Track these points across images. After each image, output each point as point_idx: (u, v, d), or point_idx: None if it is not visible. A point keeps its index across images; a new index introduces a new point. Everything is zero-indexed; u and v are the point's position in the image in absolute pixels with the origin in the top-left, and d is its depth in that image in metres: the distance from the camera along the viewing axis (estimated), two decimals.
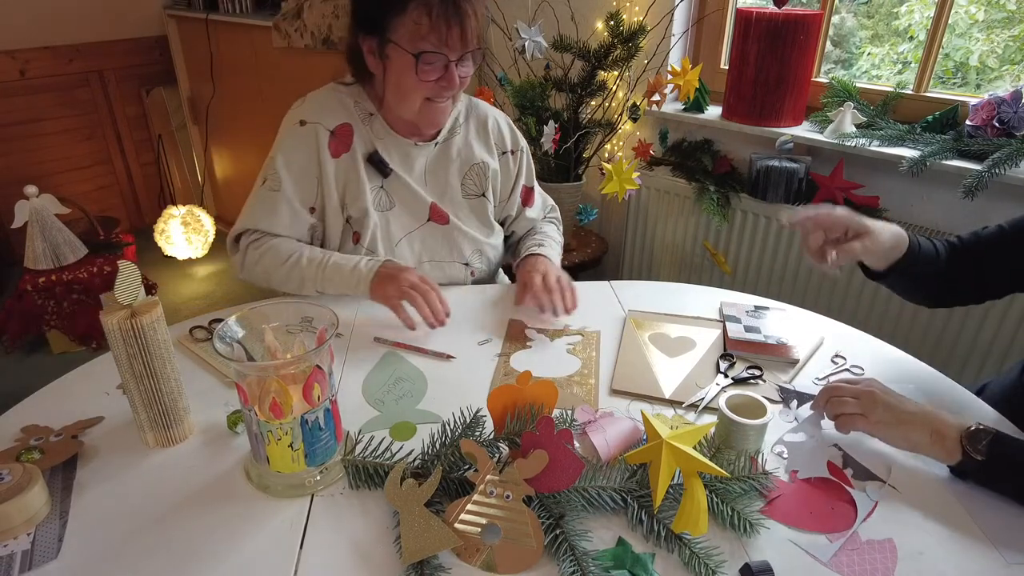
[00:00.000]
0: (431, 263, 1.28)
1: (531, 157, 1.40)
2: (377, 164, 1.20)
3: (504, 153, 1.34)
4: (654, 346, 1.11)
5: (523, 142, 1.37)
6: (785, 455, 0.86)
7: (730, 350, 1.08)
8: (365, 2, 1.13)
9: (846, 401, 0.87)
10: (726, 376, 1.02)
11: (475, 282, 1.35)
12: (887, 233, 0.98)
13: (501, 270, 1.52)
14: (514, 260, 1.39)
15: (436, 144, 1.26)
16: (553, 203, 1.50)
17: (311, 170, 1.18)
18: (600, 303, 1.24)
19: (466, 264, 1.31)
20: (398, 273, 1.12)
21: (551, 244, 1.35)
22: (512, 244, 1.45)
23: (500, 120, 1.34)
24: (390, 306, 1.11)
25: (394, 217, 1.24)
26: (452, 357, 1.07)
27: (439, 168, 1.27)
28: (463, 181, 1.29)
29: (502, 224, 1.41)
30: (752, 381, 1.01)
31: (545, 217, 1.47)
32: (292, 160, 1.18)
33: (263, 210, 1.19)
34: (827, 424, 0.91)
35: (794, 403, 0.96)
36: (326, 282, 1.15)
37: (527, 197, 1.40)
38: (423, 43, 1.07)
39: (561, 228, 1.48)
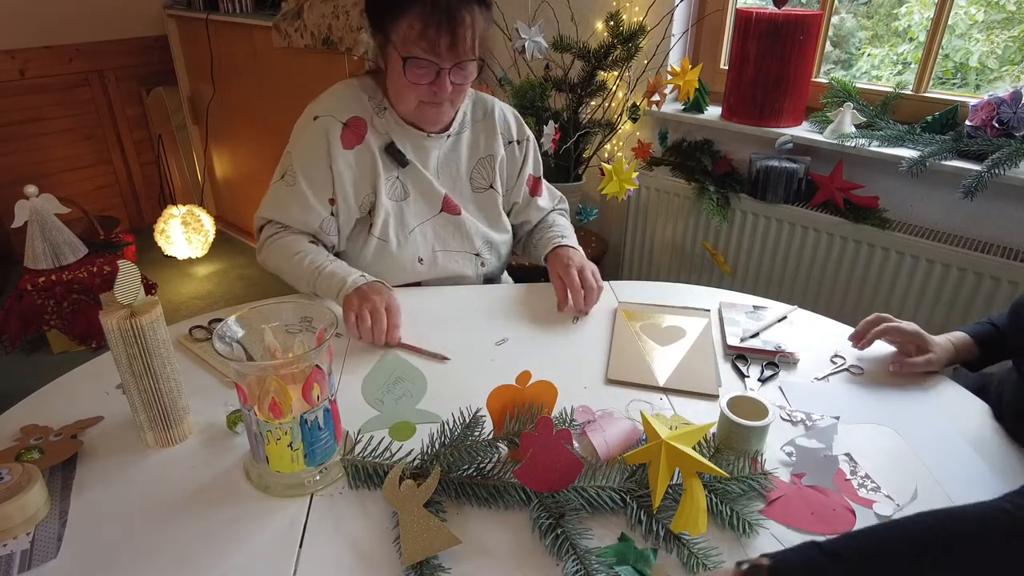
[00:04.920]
0: (443, 252, 1.30)
1: (538, 151, 1.42)
2: (395, 155, 1.23)
3: (510, 142, 1.35)
4: (646, 335, 1.12)
5: (530, 134, 1.38)
6: (793, 457, 0.86)
7: (729, 354, 1.09)
8: (372, 1, 1.15)
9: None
10: (747, 376, 1.03)
11: (485, 274, 1.37)
12: (949, 347, 1.03)
13: (506, 271, 1.52)
14: (523, 251, 1.43)
15: (448, 137, 1.28)
16: (562, 195, 1.50)
17: (324, 162, 1.20)
18: (599, 302, 1.24)
19: (477, 255, 1.33)
20: (367, 294, 1.11)
21: (572, 235, 1.36)
22: (524, 235, 1.46)
23: (506, 111, 1.36)
24: (345, 317, 1.11)
25: (408, 207, 1.26)
26: (447, 359, 1.07)
27: (451, 162, 1.30)
28: (471, 175, 1.32)
29: (509, 213, 1.41)
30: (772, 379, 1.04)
31: (555, 208, 1.47)
32: (306, 155, 1.20)
33: (276, 203, 1.23)
34: (841, 431, 0.91)
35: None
36: (319, 286, 1.18)
37: (535, 187, 1.40)
38: (414, 48, 1.08)
39: (568, 221, 1.48)
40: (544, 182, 1.44)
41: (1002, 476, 0.84)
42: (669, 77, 1.96)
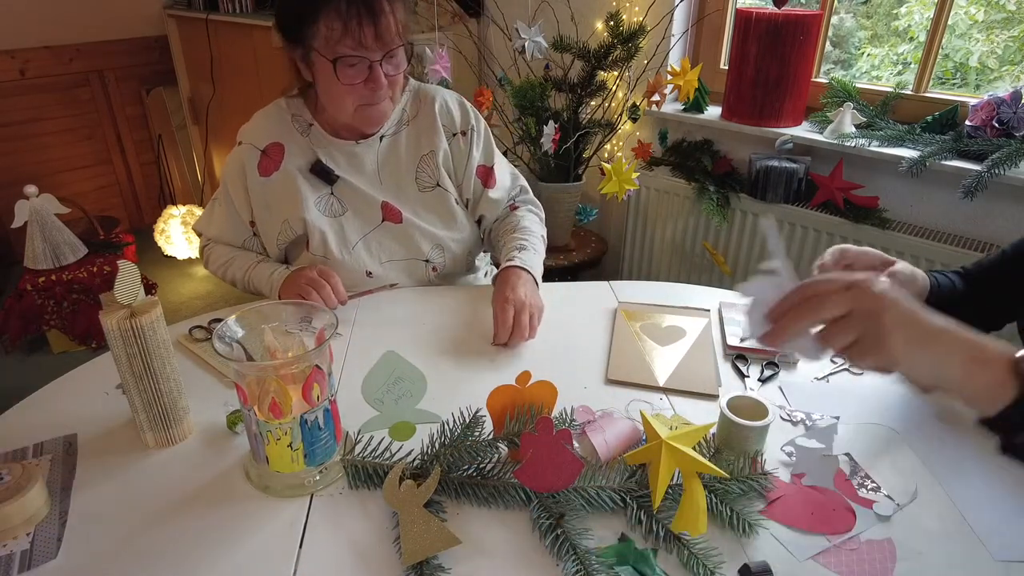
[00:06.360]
0: (390, 263, 1.27)
1: (490, 136, 1.34)
2: (321, 173, 1.22)
3: (455, 135, 1.28)
4: (646, 335, 1.12)
5: (476, 121, 1.31)
6: (793, 457, 0.86)
7: (729, 354, 1.09)
8: (283, 14, 1.14)
9: (845, 328, 0.61)
10: (747, 376, 1.03)
11: (439, 277, 1.33)
12: (908, 269, 1.00)
13: (494, 268, 1.51)
14: (492, 250, 1.39)
15: (382, 139, 1.25)
16: (524, 183, 1.42)
17: (242, 186, 1.23)
18: (598, 301, 1.24)
19: (426, 261, 1.29)
20: (298, 274, 1.17)
21: (531, 247, 1.26)
22: (486, 231, 1.39)
23: (450, 100, 1.29)
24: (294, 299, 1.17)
25: (348, 221, 1.24)
26: (396, 284, 1.24)
27: (390, 164, 1.26)
28: (417, 175, 1.27)
29: (467, 208, 1.35)
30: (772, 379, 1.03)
31: (517, 199, 1.40)
32: (230, 177, 1.24)
33: (209, 220, 1.31)
34: (842, 431, 0.90)
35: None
36: (252, 287, 1.26)
37: (487, 178, 1.33)
38: (340, 47, 1.07)
39: (541, 212, 1.41)
40: (501, 169, 1.35)
41: (1002, 474, 0.84)
42: (669, 77, 1.96)
